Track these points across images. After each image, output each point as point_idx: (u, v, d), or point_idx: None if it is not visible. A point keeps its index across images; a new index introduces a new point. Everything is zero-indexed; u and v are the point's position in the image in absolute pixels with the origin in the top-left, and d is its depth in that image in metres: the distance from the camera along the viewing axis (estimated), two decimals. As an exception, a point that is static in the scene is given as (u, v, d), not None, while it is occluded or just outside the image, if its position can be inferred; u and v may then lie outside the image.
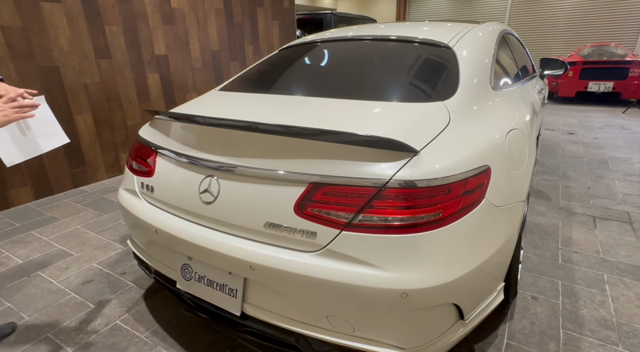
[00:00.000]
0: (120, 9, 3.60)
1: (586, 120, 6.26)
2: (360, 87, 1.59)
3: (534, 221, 2.72)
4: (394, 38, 1.92)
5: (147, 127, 1.65)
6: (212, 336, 1.67)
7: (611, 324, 1.71)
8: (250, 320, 1.27)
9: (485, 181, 1.21)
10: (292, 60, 2.04)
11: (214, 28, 4.69)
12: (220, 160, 1.26)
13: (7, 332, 1.70)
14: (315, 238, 1.10)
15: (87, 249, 2.41)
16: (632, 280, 2.03)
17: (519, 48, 2.91)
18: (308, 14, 7.90)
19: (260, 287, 1.21)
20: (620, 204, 2.98)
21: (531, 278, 2.05)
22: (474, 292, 1.21)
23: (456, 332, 1.22)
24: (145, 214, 1.45)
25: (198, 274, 1.35)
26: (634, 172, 3.73)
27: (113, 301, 1.92)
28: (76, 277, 2.12)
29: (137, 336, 1.68)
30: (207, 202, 1.27)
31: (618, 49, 7.60)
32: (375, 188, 1.05)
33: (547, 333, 1.66)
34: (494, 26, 2.20)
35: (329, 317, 1.13)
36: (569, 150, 4.52)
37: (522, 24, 11.05)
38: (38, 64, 3.08)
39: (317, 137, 1.11)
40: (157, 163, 1.48)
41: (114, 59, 3.63)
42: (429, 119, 1.29)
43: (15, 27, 2.91)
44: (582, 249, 2.34)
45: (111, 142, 3.75)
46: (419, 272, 1.04)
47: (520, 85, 2.24)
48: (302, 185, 1.12)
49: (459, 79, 1.54)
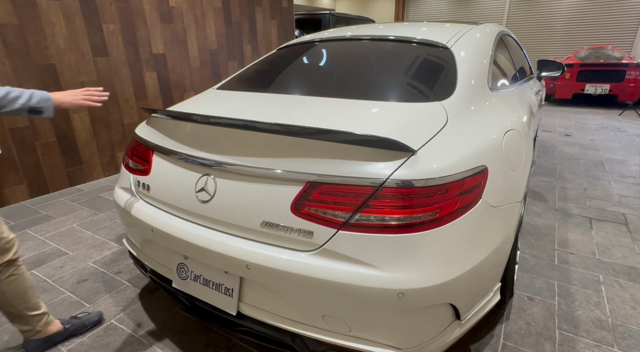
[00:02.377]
0: (117, 7, 3.59)
1: (583, 122, 6.29)
2: (358, 86, 1.59)
3: (531, 221, 2.73)
4: (392, 38, 1.92)
5: (144, 126, 1.64)
6: (208, 336, 1.66)
7: (607, 325, 1.71)
8: (246, 319, 1.26)
9: (482, 181, 1.21)
10: (290, 59, 2.03)
11: (212, 27, 4.68)
12: (217, 158, 1.26)
13: (95, 321, 1.71)
14: (311, 237, 1.09)
15: (83, 248, 2.39)
16: (628, 281, 2.03)
17: (517, 49, 2.92)
18: (306, 14, 7.90)
19: (256, 286, 1.21)
20: (616, 206, 2.99)
21: (527, 279, 2.05)
22: (470, 293, 1.21)
23: (452, 332, 1.22)
24: (141, 212, 1.44)
25: (194, 273, 1.35)
26: (630, 174, 3.74)
27: (108, 300, 1.91)
28: (71, 276, 2.10)
29: (132, 335, 1.67)
30: (204, 200, 1.27)
31: (615, 52, 7.64)
32: (372, 187, 1.05)
33: (543, 334, 1.66)
34: (492, 27, 2.21)
35: (325, 317, 1.13)
36: (565, 152, 4.54)
37: (520, 25, 11.09)
38: (34, 61, 3.06)
39: (314, 136, 1.11)
40: (153, 161, 1.48)
41: (111, 58, 3.61)
42: (427, 119, 1.29)
43: (11, 24, 2.89)
44: (578, 250, 2.35)
45: (108, 140, 3.73)
46: (416, 272, 1.03)
47: (517, 87, 2.24)
48: (299, 184, 1.12)
49: (456, 79, 1.54)
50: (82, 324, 1.66)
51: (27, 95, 1.19)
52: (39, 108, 1.21)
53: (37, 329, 1.53)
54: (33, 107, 1.20)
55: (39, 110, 1.21)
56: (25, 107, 1.18)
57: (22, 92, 1.18)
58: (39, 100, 1.21)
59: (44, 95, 1.23)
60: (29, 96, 1.19)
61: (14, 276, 1.43)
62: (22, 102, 1.17)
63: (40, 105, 1.21)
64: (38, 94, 1.21)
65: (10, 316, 1.47)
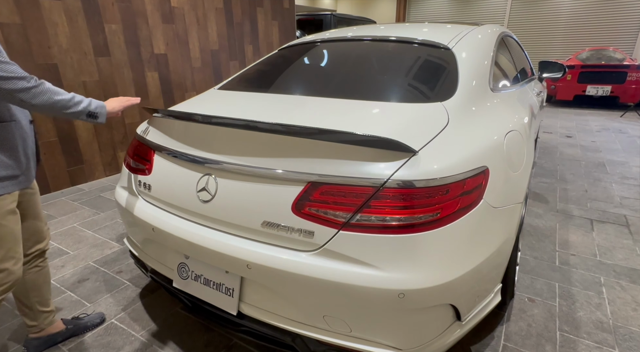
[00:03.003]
0: (119, 7, 3.59)
1: (584, 123, 6.28)
2: (359, 87, 1.59)
3: (532, 223, 2.72)
4: (394, 39, 1.92)
5: (145, 125, 1.65)
6: (208, 336, 1.66)
7: (608, 327, 1.71)
8: (247, 319, 1.27)
9: (484, 182, 1.21)
10: (292, 59, 2.04)
11: (214, 27, 4.68)
12: (218, 158, 1.26)
13: (97, 323, 1.72)
14: (312, 237, 1.10)
15: (84, 247, 2.39)
16: (629, 283, 2.03)
17: (518, 50, 2.92)
18: (308, 15, 7.90)
19: (257, 286, 1.21)
20: (617, 207, 2.99)
21: (528, 280, 2.05)
22: (471, 294, 1.21)
23: (453, 333, 1.22)
24: (142, 212, 1.44)
25: (195, 272, 1.35)
26: (631, 175, 3.74)
27: (109, 299, 1.91)
28: (72, 276, 2.10)
29: (133, 335, 1.67)
30: (205, 200, 1.27)
31: (616, 53, 7.63)
32: (373, 188, 1.05)
33: (544, 335, 1.66)
34: (493, 28, 2.21)
35: (326, 317, 1.13)
36: (566, 153, 4.53)
37: (522, 26, 11.09)
38: (36, 61, 3.07)
39: (315, 136, 1.11)
40: (154, 161, 1.48)
41: (113, 57, 3.62)
42: (428, 120, 1.29)
43: (14, 24, 2.90)
44: (579, 251, 2.34)
45: (109, 140, 3.74)
46: (416, 273, 1.03)
47: (519, 88, 2.24)
48: (300, 184, 1.12)
49: (458, 80, 1.54)
50: (84, 325, 1.67)
51: (88, 101, 1.31)
52: (96, 113, 1.33)
53: (42, 327, 1.55)
54: (92, 112, 1.31)
55: (95, 115, 1.33)
56: (85, 111, 1.29)
57: (83, 98, 1.30)
58: (96, 107, 1.33)
59: (100, 103, 1.36)
60: (89, 102, 1.31)
61: (40, 267, 1.49)
62: (84, 106, 1.29)
63: (97, 111, 1.33)
64: (95, 101, 1.34)
65: (22, 307, 1.50)
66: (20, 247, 1.29)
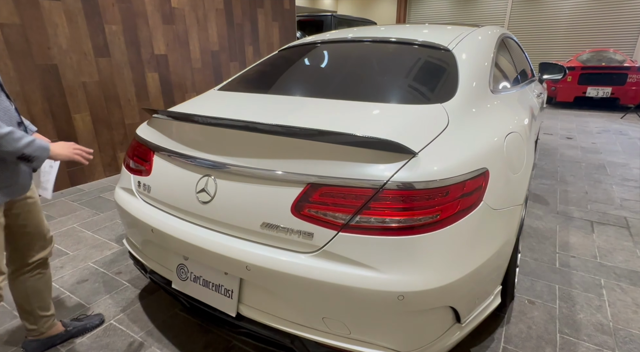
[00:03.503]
0: (120, 8, 3.60)
1: (584, 125, 6.28)
2: (359, 88, 1.59)
3: (532, 224, 2.72)
4: (394, 40, 1.92)
5: (145, 126, 1.64)
6: (208, 337, 1.66)
7: (608, 329, 1.70)
8: (246, 321, 1.26)
9: (483, 184, 1.21)
10: (292, 60, 2.03)
11: (214, 28, 4.69)
12: (218, 159, 1.25)
13: (96, 324, 1.72)
14: (312, 239, 1.09)
15: (83, 248, 2.39)
16: (629, 285, 2.02)
17: (518, 52, 2.92)
18: (308, 16, 7.91)
19: (256, 288, 1.20)
20: (617, 209, 2.98)
21: (528, 282, 2.04)
22: (471, 296, 1.20)
23: (453, 335, 1.21)
24: (141, 213, 1.44)
25: (194, 274, 1.34)
26: (632, 177, 3.73)
27: (108, 300, 1.90)
28: (71, 277, 2.10)
29: (132, 336, 1.67)
30: (204, 201, 1.27)
31: (616, 55, 7.63)
32: (373, 189, 1.05)
33: (544, 337, 1.65)
34: (493, 30, 2.21)
35: (325, 319, 1.12)
36: (567, 155, 4.53)
37: (522, 28, 11.09)
38: (36, 61, 3.07)
39: (315, 137, 1.11)
40: (154, 162, 1.48)
41: (113, 58, 3.62)
42: (428, 121, 1.28)
43: (14, 25, 2.90)
44: (579, 253, 2.34)
45: (109, 141, 3.73)
46: (416, 275, 1.03)
47: (519, 89, 2.24)
48: (300, 185, 1.12)
49: (458, 81, 1.54)
50: (83, 327, 1.67)
51: (27, 141, 1.11)
52: (32, 157, 1.13)
53: (42, 330, 1.54)
54: (27, 155, 1.11)
55: (30, 158, 1.13)
56: (18, 153, 1.09)
57: (23, 136, 1.09)
58: (35, 149, 1.13)
59: (42, 145, 1.16)
60: (29, 143, 1.11)
61: (42, 274, 1.48)
62: (17, 147, 1.08)
63: (36, 155, 1.14)
64: (39, 142, 1.14)
65: (22, 312, 1.49)
66: (2, 261, 1.24)
